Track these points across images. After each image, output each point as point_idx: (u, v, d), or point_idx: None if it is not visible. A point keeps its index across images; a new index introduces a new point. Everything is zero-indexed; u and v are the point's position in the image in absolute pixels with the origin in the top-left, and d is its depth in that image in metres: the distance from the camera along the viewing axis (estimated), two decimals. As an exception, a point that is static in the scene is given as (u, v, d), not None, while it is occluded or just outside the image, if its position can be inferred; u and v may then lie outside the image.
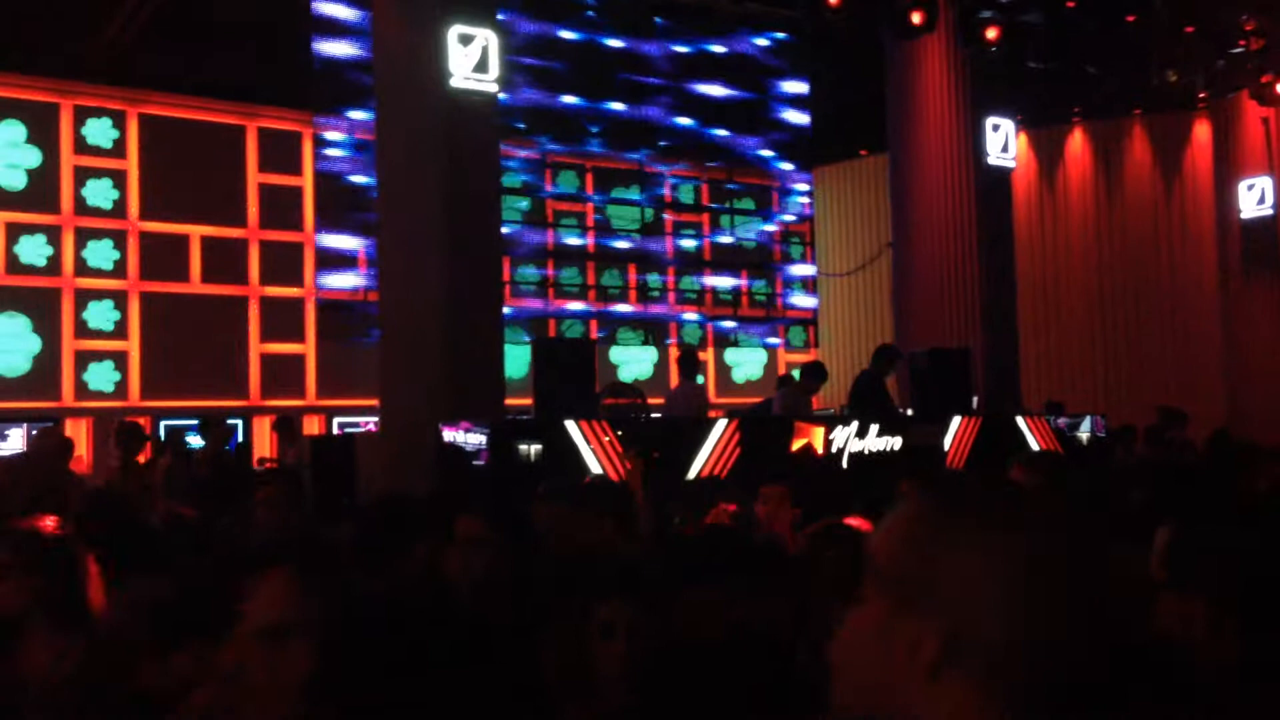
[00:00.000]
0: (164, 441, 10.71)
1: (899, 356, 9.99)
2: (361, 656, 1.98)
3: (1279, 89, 13.87)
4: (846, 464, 8.35)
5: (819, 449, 8.24)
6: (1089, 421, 10.57)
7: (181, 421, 12.23)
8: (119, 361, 12.69)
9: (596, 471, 7.09)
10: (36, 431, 10.02)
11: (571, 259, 15.32)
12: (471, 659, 2.01)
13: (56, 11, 11.16)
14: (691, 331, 16.18)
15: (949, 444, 9.03)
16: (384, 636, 2.05)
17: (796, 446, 8.19)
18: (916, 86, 12.05)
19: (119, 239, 12.79)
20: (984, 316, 11.71)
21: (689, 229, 16.38)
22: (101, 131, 12.75)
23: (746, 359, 17.20)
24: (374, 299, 11.17)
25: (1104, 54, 13.52)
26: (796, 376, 10.51)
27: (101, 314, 12.64)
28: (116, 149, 12.83)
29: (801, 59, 15.27)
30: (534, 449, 7.20)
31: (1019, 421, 9.69)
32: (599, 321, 15.33)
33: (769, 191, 16.93)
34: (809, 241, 17.48)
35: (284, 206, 13.70)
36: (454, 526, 3.32)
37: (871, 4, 11.75)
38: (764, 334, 16.80)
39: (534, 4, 13.19)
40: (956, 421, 9.12)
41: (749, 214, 16.78)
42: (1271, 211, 15.08)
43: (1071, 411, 11.06)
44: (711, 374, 16.64)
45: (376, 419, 9.89)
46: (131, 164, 12.89)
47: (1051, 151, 16.45)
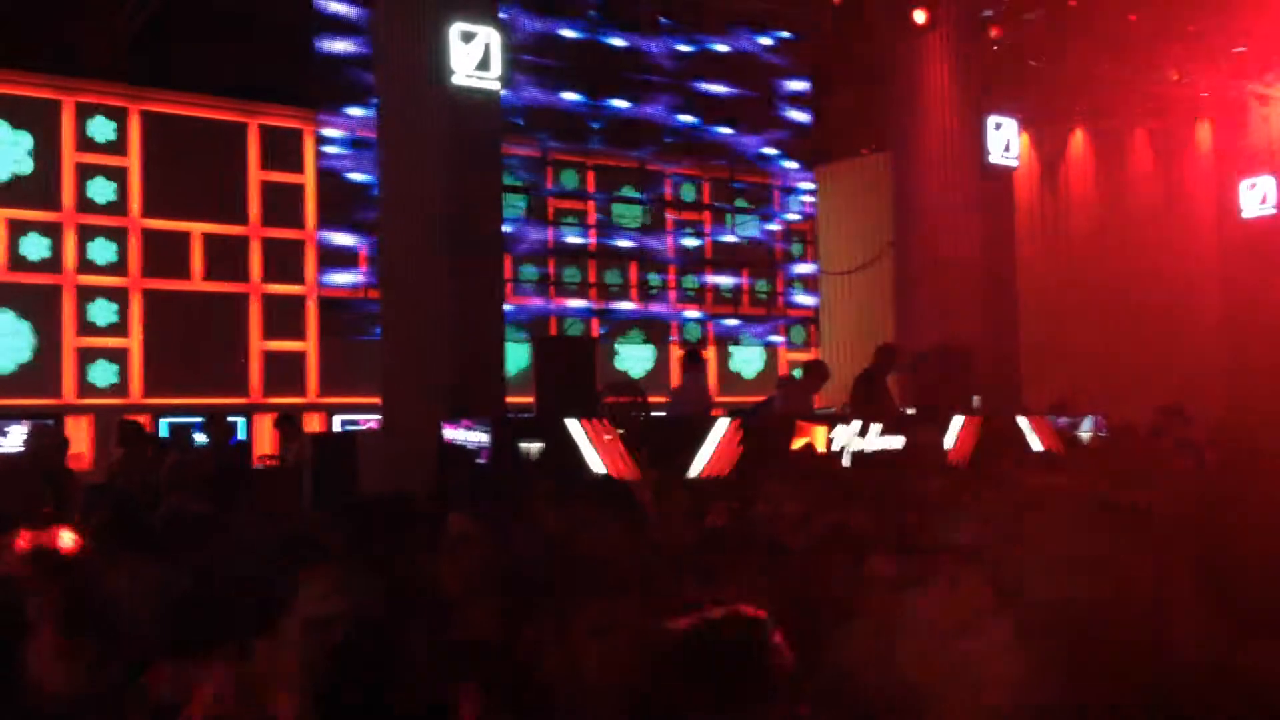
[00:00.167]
0: (169, 438, 10.72)
1: (900, 356, 9.99)
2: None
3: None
4: (848, 463, 8.35)
5: (820, 448, 8.24)
6: (1090, 421, 10.56)
7: (183, 419, 12.23)
8: (120, 359, 12.68)
9: (598, 469, 7.10)
10: (32, 427, 10.01)
11: (573, 257, 15.31)
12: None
13: (58, 8, 11.16)
14: (692, 330, 16.18)
15: (950, 443, 9.03)
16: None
17: (798, 445, 8.18)
18: (919, 85, 12.03)
19: (120, 236, 12.78)
20: (985, 315, 11.69)
21: (690, 227, 16.37)
22: (103, 128, 12.74)
23: (747, 357, 17.18)
24: (375, 296, 11.17)
25: (1106, 53, 13.49)
26: (798, 375, 10.51)
27: (102, 311, 12.63)
28: (118, 146, 12.81)
29: (804, 57, 15.26)
30: (535, 447, 7.20)
31: (1020, 421, 9.69)
32: (600, 319, 15.33)
33: (770, 190, 16.91)
34: (810, 240, 17.47)
35: (285, 204, 13.69)
36: (446, 525, 3.31)
37: (875, 2, 11.75)
38: (765, 332, 16.79)
39: (536, 1, 13.18)
40: (958, 421, 9.12)
41: (750, 212, 16.77)
42: (1273, 211, 15.07)
43: (1072, 411, 11.04)
44: (713, 372, 16.63)
45: (378, 416, 9.88)
46: (133, 161, 12.87)
47: (1053, 151, 16.43)
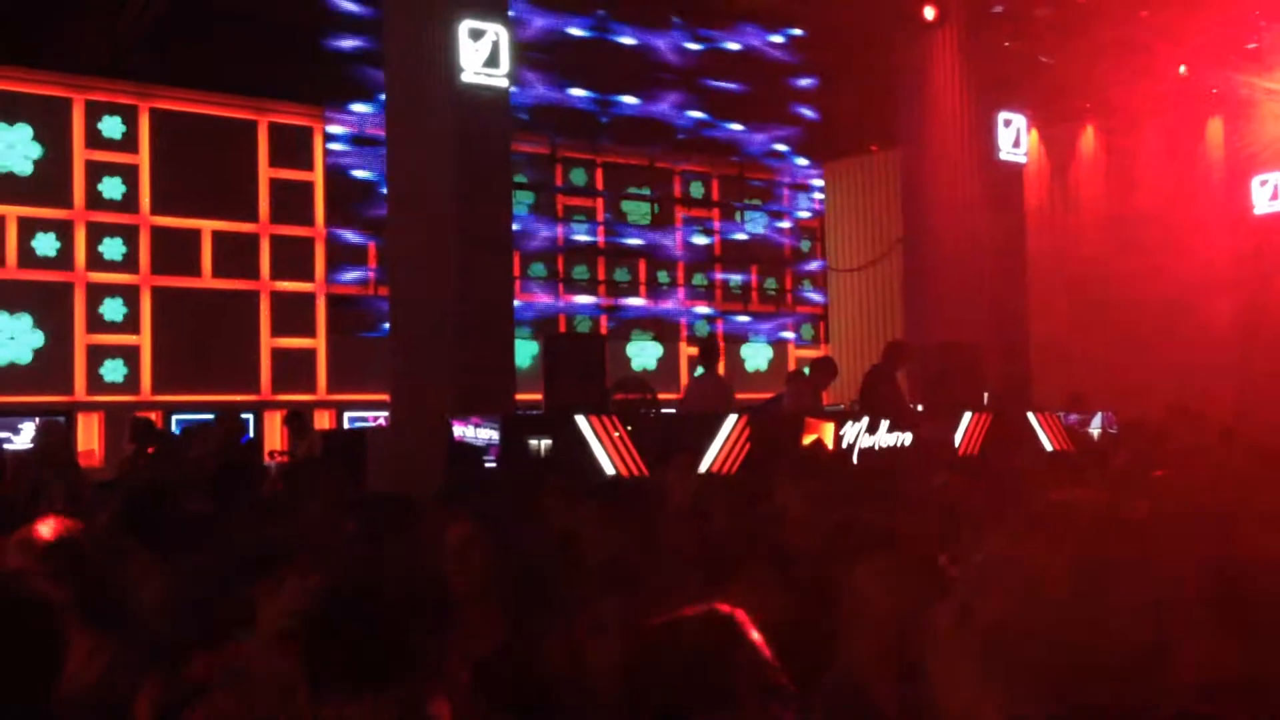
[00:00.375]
0: (178, 435, 10.74)
1: (910, 352, 9.96)
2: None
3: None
4: (857, 460, 8.33)
5: (829, 445, 8.23)
6: (1099, 418, 10.53)
7: (194, 416, 12.27)
8: (130, 356, 12.72)
9: (606, 466, 7.10)
10: (40, 424, 10.02)
11: (582, 254, 15.32)
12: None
13: (67, 7, 11.18)
14: (702, 327, 16.17)
15: (959, 440, 9.01)
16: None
17: (807, 442, 8.17)
18: (928, 81, 12.00)
19: (130, 233, 12.82)
20: (995, 312, 11.66)
21: (699, 224, 16.37)
22: (113, 126, 12.77)
23: (755, 353, 17.17)
24: (384, 294, 11.19)
25: (1116, 50, 13.44)
26: (807, 372, 10.50)
27: (113, 308, 12.66)
28: (128, 143, 12.85)
29: (813, 54, 15.23)
30: (544, 444, 7.20)
31: (1030, 417, 9.67)
32: (609, 316, 15.33)
33: (780, 187, 16.90)
34: (820, 236, 17.45)
35: (295, 201, 13.72)
36: (451, 523, 3.31)
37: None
38: (774, 329, 16.78)
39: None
40: (967, 417, 9.10)
41: (759, 209, 16.76)
42: (1285, 207, 15.00)
43: (1085, 408, 11.01)
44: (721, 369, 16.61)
45: (387, 413, 9.90)
46: (143, 159, 12.90)
47: (1063, 147, 16.37)
